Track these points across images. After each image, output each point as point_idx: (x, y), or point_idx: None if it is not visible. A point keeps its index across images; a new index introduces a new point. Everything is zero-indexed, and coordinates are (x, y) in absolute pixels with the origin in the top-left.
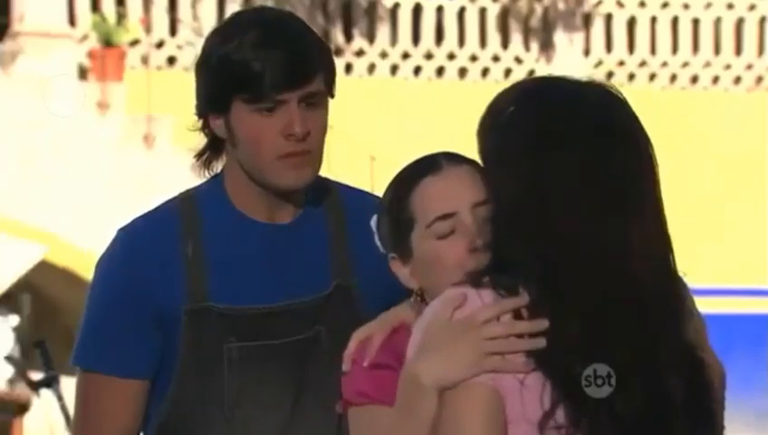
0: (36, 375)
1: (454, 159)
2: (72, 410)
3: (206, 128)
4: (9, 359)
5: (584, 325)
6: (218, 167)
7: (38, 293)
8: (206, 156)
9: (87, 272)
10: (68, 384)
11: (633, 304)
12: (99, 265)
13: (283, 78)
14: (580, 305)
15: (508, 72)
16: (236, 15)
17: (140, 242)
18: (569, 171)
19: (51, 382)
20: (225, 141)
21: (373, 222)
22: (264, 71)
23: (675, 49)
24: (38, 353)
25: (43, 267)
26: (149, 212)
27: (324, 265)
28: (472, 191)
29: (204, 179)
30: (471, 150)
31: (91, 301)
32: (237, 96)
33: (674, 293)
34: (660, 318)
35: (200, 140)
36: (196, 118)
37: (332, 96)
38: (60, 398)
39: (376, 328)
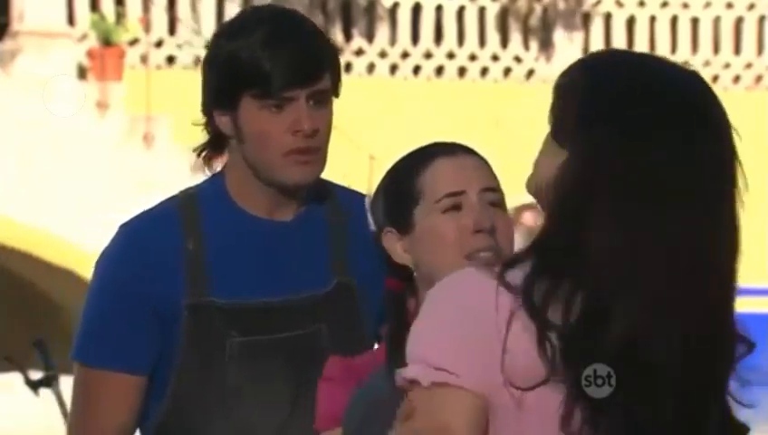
0: (35, 374)
1: (466, 148)
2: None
3: (210, 125)
4: (8, 359)
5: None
6: (219, 165)
7: (37, 291)
8: (207, 153)
9: (86, 271)
10: (67, 384)
11: (683, 308)
12: (99, 261)
13: (292, 75)
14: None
15: (507, 72)
16: (244, 13)
17: (141, 238)
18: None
19: (50, 382)
20: (228, 139)
21: (368, 199)
22: (273, 67)
23: (674, 48)
24: (37, 353)
25: (42, 265)
26: (151, 209)
27: (324, 263)
28: (482, 177)
29: (204, 177)
30: None
31: (90, 296)
32: (246, 93)
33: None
34: (714, 326)
35: (200, 139)
36: (201, 114)
37: (337, 96)
38: (59, 397)
39: None
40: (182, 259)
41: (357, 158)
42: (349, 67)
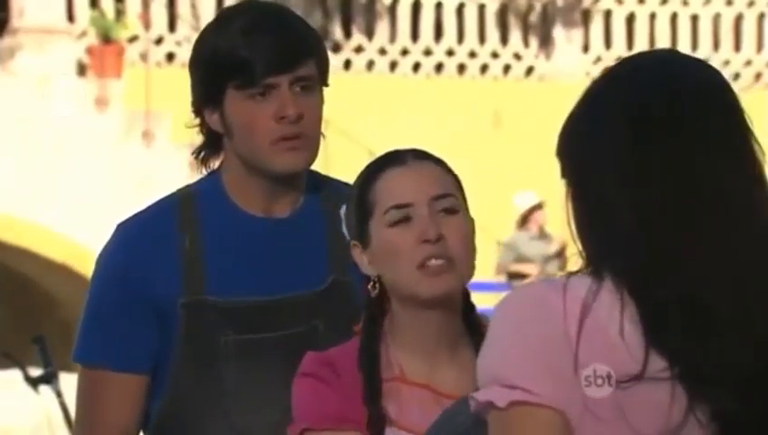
0: (35, 371)
1: (419, 154)
2: (71, 406)
3: (203, 125)
4: (7, 355)
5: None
6: (216, 164)
7: (36, 288)
8: (204, 153)
9: (85, 267)
10: (67, 380)
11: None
12: (98, 261)
13: (271, 61)
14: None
15: (507, 69)
16: (224, 10)
17: (138, 236)
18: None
19: (50, 379)
20: (222, 137)
21: (342, 211)
22: (252, 55)
23: (674, 45)
24: (37, 349)
25: (42, 262)
26: (148, 208)
27: (321, 260)
28: (431, 185)
29: (201, 175)
30: (469, 146)
31: (90, 297)
32: (229, 85)
33: None
34: None
35: (199, 137)
36: (193, 116)
37: (326, 84)
38: (59, 394)
39: None
40: (178, 257)
41: (356, 154)
42: (348, 64)
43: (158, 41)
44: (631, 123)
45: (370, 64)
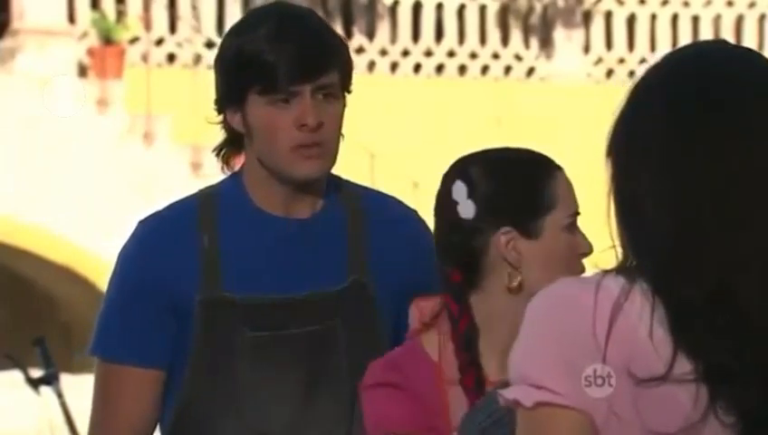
0: (36, 373)
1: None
2: (71, 408)
3: (224, 124)
4: (9, 357)
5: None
6: (238, 164)
7: (37, 289)
8: (225, 152)
9: (86, 269)
10: (67, 382)
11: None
12: (118, 257)
13: (296, 69)
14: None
15: (508, 70)
16: (252, 11)
17: (157, 234)
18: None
19: (51, 380)
20: (244, 137)
21: (461, 187)
22: (277, 62)
23: (675, 46)
24: (37, 351)
25: (42, 264)
26: (169, 206)
27: (341, 261)
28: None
29: (201, 176)
30: (470, 147)
31: (109, 292)
32: (252, 88)
33: None
34: None
35: (199, 138)
36: (199, 116)
37: (349, 91)
38: (60, 395)
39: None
40: (197, 256)
41: (357, 156)
42: None
43: (159, 42)
44: (669, 121)
45: (371, 65)
